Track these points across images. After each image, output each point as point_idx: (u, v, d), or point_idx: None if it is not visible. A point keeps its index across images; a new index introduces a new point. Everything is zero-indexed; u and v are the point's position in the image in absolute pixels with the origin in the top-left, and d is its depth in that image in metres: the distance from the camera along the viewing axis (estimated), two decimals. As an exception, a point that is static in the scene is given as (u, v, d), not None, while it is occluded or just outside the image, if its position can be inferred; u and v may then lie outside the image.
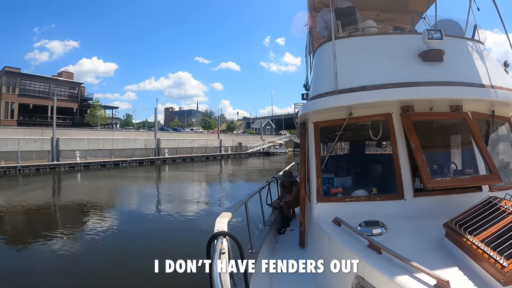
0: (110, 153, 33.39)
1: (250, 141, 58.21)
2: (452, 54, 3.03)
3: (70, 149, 30.27)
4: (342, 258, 2.22)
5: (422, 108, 2.98)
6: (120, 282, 5.95)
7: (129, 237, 8.94)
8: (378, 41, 3.39)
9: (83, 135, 33.81)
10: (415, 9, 4.93)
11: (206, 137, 51.62)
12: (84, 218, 11.62)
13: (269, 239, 3.99)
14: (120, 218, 11.48)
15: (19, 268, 6.68)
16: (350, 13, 3.96)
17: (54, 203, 14.81)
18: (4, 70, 45.88)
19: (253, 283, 2.49)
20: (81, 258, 7.32)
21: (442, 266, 1.79)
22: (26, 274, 6.41)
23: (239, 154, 49.14)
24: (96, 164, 30.14)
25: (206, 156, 42.61)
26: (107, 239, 8.69)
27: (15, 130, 30.15)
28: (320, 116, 3.34)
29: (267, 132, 72.74)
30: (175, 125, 75.59)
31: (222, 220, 2.21)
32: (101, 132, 38.09)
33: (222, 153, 46.86)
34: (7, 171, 24.82)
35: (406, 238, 2.40)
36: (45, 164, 27.48)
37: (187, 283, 4.61)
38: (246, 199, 3.36)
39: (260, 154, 52.54)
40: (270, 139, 62.09)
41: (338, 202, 3.06)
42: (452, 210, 2.23)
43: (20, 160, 26.59)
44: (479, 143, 2.82)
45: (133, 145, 36.34)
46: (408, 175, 2.90)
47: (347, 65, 3.13)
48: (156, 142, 38.86)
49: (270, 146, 58.30)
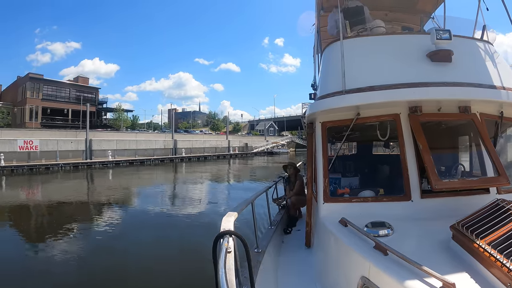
0: (134, 152, 37.22)
1: (255, 141, 62.25)
2: (460, 55, 2.99)
3: (101, 149, 34.06)
4: (348, 258, 2.28)
5: (430, 109, 2.94)
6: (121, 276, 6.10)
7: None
8: (386, 41, 3.36)
9: (111, 137, 37.79)
10: (424, 9, 4.87)
11: (216, 138, 55.72)
12: (132, 202, 15.38)
13: (275, 238, 3.99)
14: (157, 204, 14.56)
15: (72, 242, 8.25)
16: (358, 12, 3.97)
17: (103, 191, 18.56)
18: (28, 76, 49.51)
19: (259, 282, 2.49)
20: (128, 231, 9.34)
21: (448, 269, 1.76)
22: (79, 249, 7.64)
23: (245, 154, 52.99)
24: (125, 162, 33.91)
25: (217, 155, 46.55)
26: (159, 218, 11.08)
27: (53, 132, 33.93)
28: (328, 116, 3.31)
29: (270, 133, 76.85)
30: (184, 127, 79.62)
31: (228, 219, 2.20)
32: (126, 134, 42.35)
33: (230, 153, 50.71)
34: (51, 167, 28.39)
35: (413, 239, 2.38)
36: (83, 162, 31.14)
37: (193, 281, 5.08)
38: (253, 199, 3.37)
39: (265, 154, 56.43)
40: (273, 140, 66.10)
41: (345, 203, 3.03)
42: (460, 212, 2.18)
43: (59, 158, 30.25)
44: (487, 145, 2.76)
45: (154, 146, 40.24)
46: (415, 176, 2.86)
47: (355, 65, 3.12)
48: (173, 143, 42.78)
49: (274, 146, 62.28)
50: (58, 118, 51.28)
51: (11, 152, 27.93)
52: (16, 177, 24.16)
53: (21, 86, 50.26)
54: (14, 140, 28.87)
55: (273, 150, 59.43)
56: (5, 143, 28.07)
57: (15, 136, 30.24)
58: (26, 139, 29.64)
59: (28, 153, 29.26)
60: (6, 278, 5.97)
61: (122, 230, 9.67)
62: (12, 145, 28.49)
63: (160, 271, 6.09)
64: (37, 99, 49.45)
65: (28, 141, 29.58)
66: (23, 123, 46.68)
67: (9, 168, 26.01)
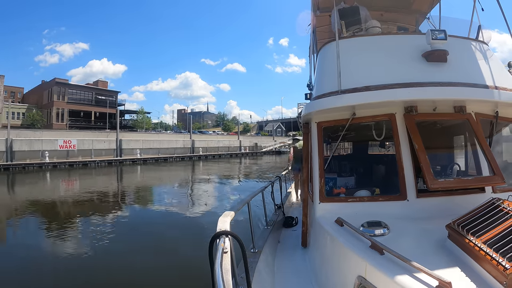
0: (158, 151, 40.84)
1: (264, 141, 65.73)
2: (456, 55, 2.99)
3: (130, 147, 37.76)
4: (344, 258, 2.30)
5: (425, 109, 2.94)
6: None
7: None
8: (382, 41, 3.37)
9: (138, 137, 41.81)
10: (419, 9, 4.90)
11: (228, 138, 59.41)
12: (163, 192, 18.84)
13: (271, 238, 4.03)
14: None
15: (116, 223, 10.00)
16: (354, 13, 3.97)
17: (147, 180, 22.03)
18: (55, 81, 53.34)
19: (255, 283, 2.55)
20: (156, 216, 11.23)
21: (445, 268, 1.76)
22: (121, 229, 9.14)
23: (255, 153, 56.40)
24: (151, 159, 37.56)
25: (230, 154, 50.10)
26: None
27: (87, 133, 37.84)
28: (323, 116, 3.30)
29: (278, 133, 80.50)
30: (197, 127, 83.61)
31: (224, 220, 2.20)
32: (151, 134, 46.41)
33: (242, 152, 54.20)
34: (88, 164, 32.00)
35: (409, 239, 2.37)
36: (116, 159, 34.79)
37: (189, 282, 5.22)
38: (249, 199, 3.39)
39: (273, 153, 59.79)
40: (281, 140, 69.41)
41: (340, 202, 3.03)
42: (455, 211, 2.20)
43: (93, 156, 33.87)
44: (483, 144, 2.77)
45: (174, 145, 43.89)
46: (411, 176, 2.86)
47: (351, 65, 3.12)
48: (191, 142, 46.46)
49: (281, 146, 65.60)
50: (82, 120, 55.11)
51: (53, 150, 31.54)
52: (59, 171, 27.55)
53: (47, 90, 54.12)
54: (55, 140, 32.55)
55: (280, 150, 62.79)
56: (48, 142, 31.74)
57: (55, 136, 34.00)
58: (65, 139, 33.34)
59: (67, 151, 32.91)
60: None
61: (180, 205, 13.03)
62: (53, 144, 32.13)
63: (156, 269, 6.23)
64: (63, 102, 53.28)
65: (67, 141, 33.26)
66: (50, 124, 50.51)
67: (53, 164, 29.63)
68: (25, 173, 25.92)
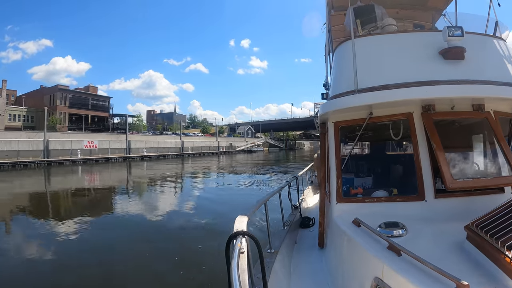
0: (156, 150, 52.28)
1: (237, 142, 79.55)
2: (473, 52, 2.93)
3: (136, 147, 48.91)
4: (361, 259, 2.25)
5: (443, 107, 2.89)
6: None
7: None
8: (398, 39, 3.32)
9: (143, 139, 53.24)
10: (435, 5, 4.85)
11: (209, 139, 72.19)
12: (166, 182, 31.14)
13: (288, 239, 4.04)
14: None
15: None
16: (370, 11, 3.96)
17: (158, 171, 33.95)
18: (58, 87, 61.46)
19: (271, 283, 2.55)
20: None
21: (463, 270, 1.73)
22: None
23: (231, 151, 69.77)
24: (154, 156, 48.99)
25: (211, 152, 62.96)
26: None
27: (105, 135, 48.72)
28: (340, 116, 3.29)
29: (248, 135, 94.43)
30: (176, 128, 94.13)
31: (241, 220, 2.22)
32: (151, 136, 57.72)
33: (220, 150, 67.24)
34: (109, 160, 42.62)
35: (427, 240, 2.33)
36: (128, 156, 45.69)
37: (206, 281, 5.67)
38: (266, 199, 3.40)
39: (245, 152, 73.68)
40: (251, 141, 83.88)
41: (358, 203, 3.01)
42: (474, 212, 2.15)
43: (110, 153, 44.47)
44: (502, 143, 2.72)
45: (169, 145, 55.80)
46: (429, 176, 2.83)
47: (367, 64, 3.10)
48: (181, 143, 58.73)
49: (252, 146, 79.93)
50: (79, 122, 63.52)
51: (79, 149, 41.77)
52: (89, 165, 37.25)
53: (48, 94, 61.64)
54: (82, 141, 42.76)
55: (251, 149, 76.93)
56: (76, 142, 41.87)
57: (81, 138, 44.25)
58: (89, 140, 43.65)
59: (89, 150, 43.19)
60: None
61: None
62: (79, 144, 42.31)
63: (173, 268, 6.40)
64: (65, 107, 61.23)
65: (91, 141, 43.55)
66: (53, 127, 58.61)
67: (83, 160, 39.99)
68: (63, 167, 34.13)
